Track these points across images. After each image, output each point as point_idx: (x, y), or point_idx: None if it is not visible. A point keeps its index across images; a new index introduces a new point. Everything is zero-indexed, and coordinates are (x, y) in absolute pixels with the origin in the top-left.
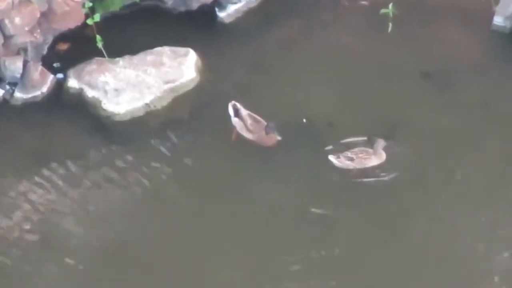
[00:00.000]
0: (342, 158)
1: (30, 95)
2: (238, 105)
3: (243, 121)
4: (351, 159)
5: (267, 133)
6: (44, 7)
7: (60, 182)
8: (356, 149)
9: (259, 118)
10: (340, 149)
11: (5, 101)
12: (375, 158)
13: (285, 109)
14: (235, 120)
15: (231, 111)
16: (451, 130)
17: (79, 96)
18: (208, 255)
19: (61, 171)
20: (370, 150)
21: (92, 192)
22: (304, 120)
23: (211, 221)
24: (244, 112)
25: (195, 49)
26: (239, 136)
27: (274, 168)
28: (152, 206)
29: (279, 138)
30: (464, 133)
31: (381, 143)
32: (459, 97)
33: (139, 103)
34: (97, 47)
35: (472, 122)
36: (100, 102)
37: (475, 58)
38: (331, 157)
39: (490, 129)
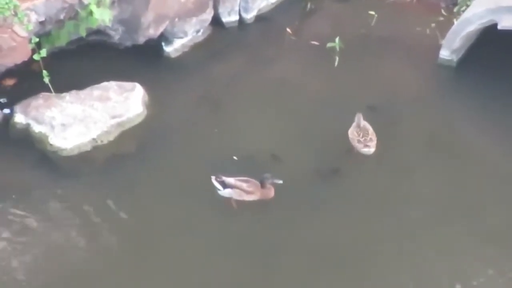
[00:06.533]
0: (369, 144)
1: None
2: (221, 176)
3: (238, 188)
4: (372, 140)
5: (264, 186)
6: None
7: (5, 217)
8: (354, 133)
9: (245, 178)
10: None
11: None
12: (369, 126)
13: (232, 143)
14: (227, 192)
15: (217, 185)
16: (396, 161)
17: (26, 131)
18: None
19: (7, 206)
20: (356, 127)
21: (39, 227)
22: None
23: (158, 258)
24: (231, 180)
25: (142, 84)
26: (239, 202)
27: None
28: (98, 242)
29: (280, 182)
30: (409, 164)
31: (360, 116)
32: (404, 130)
33: (86, 138)
34: (43, 82)
35: (416, 153)
36: (47, 137)
37: (421, 91)
38: (365, 150)
39: (433, 159)
